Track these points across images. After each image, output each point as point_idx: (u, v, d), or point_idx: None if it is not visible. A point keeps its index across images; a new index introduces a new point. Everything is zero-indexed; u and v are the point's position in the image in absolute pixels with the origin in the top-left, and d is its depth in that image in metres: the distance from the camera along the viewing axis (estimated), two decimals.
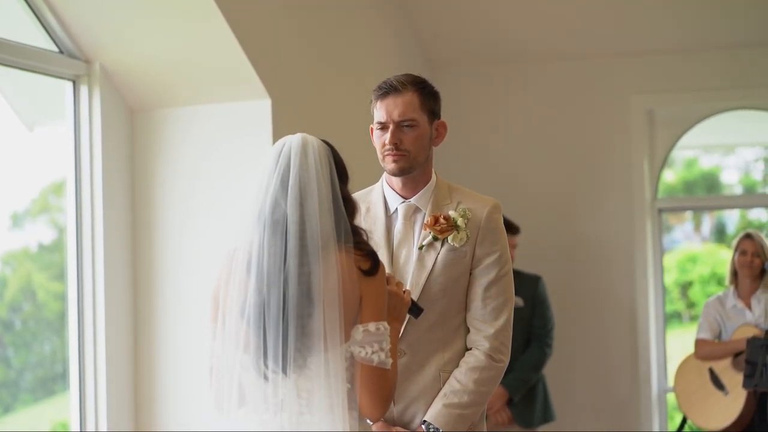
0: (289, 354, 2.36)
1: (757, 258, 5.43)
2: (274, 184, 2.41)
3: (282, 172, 2.41)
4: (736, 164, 7.56)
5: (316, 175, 2.40)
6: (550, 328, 5.39)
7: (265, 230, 2.39)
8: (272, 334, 2.36)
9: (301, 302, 2.36)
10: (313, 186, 2.39)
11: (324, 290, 2.36)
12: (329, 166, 2.44)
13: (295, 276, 2.36)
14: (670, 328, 7.19)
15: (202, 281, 4.51)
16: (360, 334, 2.40)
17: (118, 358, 4.55)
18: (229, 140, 4.55)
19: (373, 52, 5.66)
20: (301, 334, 2.36)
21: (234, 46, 4.30)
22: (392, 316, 2.52)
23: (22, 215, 5.15)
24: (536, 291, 5.39)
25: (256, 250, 2.39)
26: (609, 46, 6.21)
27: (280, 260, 2.37)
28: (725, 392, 5.29)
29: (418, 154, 2.92)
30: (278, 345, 2.36)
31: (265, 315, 2.37)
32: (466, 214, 2.92)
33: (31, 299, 5.23)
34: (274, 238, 2.38)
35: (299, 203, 2.38)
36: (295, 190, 2.39)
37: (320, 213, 2.38)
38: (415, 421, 2.89)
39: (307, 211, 2.38)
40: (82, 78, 4.49)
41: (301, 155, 2.42)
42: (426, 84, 2.97)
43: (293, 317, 2.35)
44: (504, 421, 5.24)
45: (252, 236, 2.41)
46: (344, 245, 2.40)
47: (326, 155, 2.45)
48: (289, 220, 2.37)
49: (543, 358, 5.32)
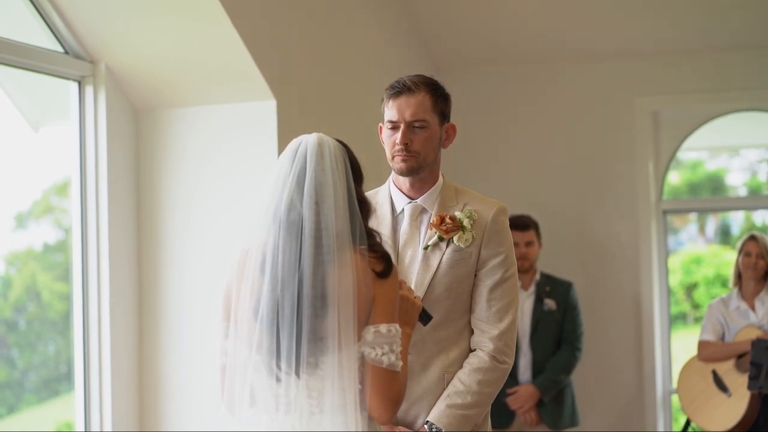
0: (303, 355, 2.35)
1: (761, 260, 5.42)
2: (290, 184, 2.40)
3: (298, 172, 2.40)
4: (741, 166, 7.55)
5: (332, 176, 2.39)
6: (580, 333, 5.43)
7: (280, 231, 2.38)
8: (286, 334, 2.35)
9: (315, 303, 2.35)
10: (329, 187, 2.38)
11: (338, 291, 2.35)
12: (345, 167, 2.43)
13: (310, 277, 2.35)
14: (675, 329, 7.19)
15: (207, 281, 4.52)
16: (371, 335, 2.39)
17: (123, 358, 4.55)
18: (233, 140, 4.56)
19: (377, 53, 5.66)
20: (315, 335, 2.35)
21: (239, 47, 4.31)
22: (403, 321, 2.51)
23: (27, 215, 5.16)
24: (568, 296, 5.46)
25: (271, 251, 2.38)
26: (614, 47, 6.21)
27: (295, 261, 2.36)
28: (728, 394, 5.28)
29: (427, 156, 2.93)
30: (291, 346, 2.35)
31: (278, 315, 2.36)
32: (473, 215, 2.93)
33: (35, 299, 5.23)
34: (289, 239, 2.37)
35: (315, 204, 2.37)
36: (311, 191, 2.38)
37: (336, 214, 2.38)
38: (418, 422, 2.89)
39: (322, 211, 2.37)
40: (87, 78, 4.49)
41: (317, 155, 2.41)
42: (438, 86, 2.97)
43: (307, 318, 2.35)
44: (532, 421, 5.27)
45: (266, 236, 2.40)
46: (359, 247, 2.40)
47: (342, 156, 2.44)
48: (305, 221, 2.36)
49: (573, 362, 5.36)
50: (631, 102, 6.24)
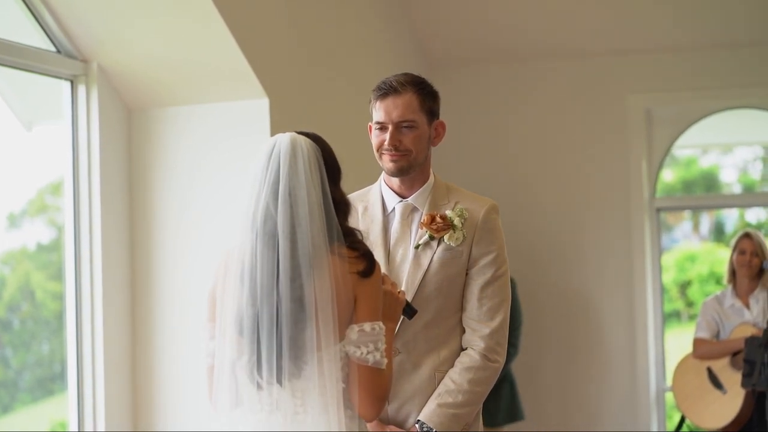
0: (284, 365, 2.37)
1: (755, 257, 5.43)
2: (265, 192, 2.40)
3: (273, 178, 2.41)
4: (735, 163, 7.56)
5: (305, 181, 2.39)
6: (515, 327, 5.37)
7: (257, 240, 2.39)
8: (265, 346, 2.37)
9: (294, 315, 2.36)
10: (303, 192, 2.39)
11: (317, 299, 2.36)
12: (319, 170, 2.43)
13: (288, 291, 2.36)
14: (668, 327, 7.20)
15: (200, 280, 4.51)
16: (355, 334, 2.40)
17: (117, 357, 4.54)
18: (226, 139, 4.55)
19: (371, 52, 5.66)
20: (295, 346, 2.37)
21: (232, 46, 4.30)
22: (387, 316, 2.52)
23: (20, 215, 5.15)
24: None
25: (249, 261, 2.39)
26: (607, 45, 6.22)
27: (272, 273, 2.37)
28: (723, 391, 5.29)
29: (417, 154, 2.92)
30: (272, 357, 2.37)
31: (258, 328, 2.38)
32: (463, 213, 2.92)
33: (29, 299, 5.22)
34: (266, 251, 2.38)
35: (290, 208, 2.38)
36: (284, 197, 2.38)
37: (311, 220, 2.38)
38: (409, 421, 2.88)
39: (297, 214, 2.38)
40: (79, 78, 4.49)
41: (290, 158, 2.41)
42: (425, 84, 2.96)
43: (286, 329, 2.36)
44: None
45: (244, 243, 2.41)
46: (337, 248, 2.40)
47: (315, 157, 2.44)
48: (280, 231, 2.37)
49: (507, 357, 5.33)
50: (624, 99, 6.24)
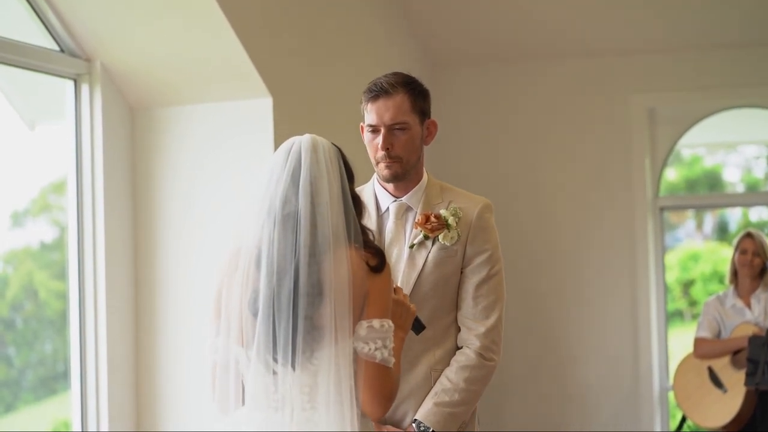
0: (298, 346, 2.35)
1: (757, 257, 5.43)
2: (284, 179, 2.40)
3: (293, 168, 2.41)
4: (738, 162, 7.56)
5: (326, 172, 2.41)
6: None
7: (275, 225, 2.38)
8: (282, 325, 2.35)
9: (311, 293, 2.35)
10: (324, 182, 2.40)
11: (334, 282, 2.35)
12: (339, 165, 2.45)
13: (306, 268, 2.35)
14: (671, 326, 7.20)
15: (204, 279, 4.51)
16: (364, 330, 2.39)
17: (120, 356, 4.55)
18: (230, 138, 4.56)
19: (373, 51, 5.66)
20: (311, 325, 2.36)
21: (235, 45, 4.31)
22: (398, 326, 2.51)
23: (24, 214, 5.16)
24: None
25: (266, 245, 2.38)
26: (610, 44, 6.21)
27: (291, 253, 2.36)
28: (724, 390, 5.29)
29: (410, 158, 2.92)
30: (288, 336, 2.35)
31: (275, 307, 2.36)
32: (457, 212, 2.92)
33: (32, 298, 5.23)
34: (284, 232, 2.38)
35: (311, 198, 2.38)
36: (306, 185, 2.39)
37: (331, 208, 2.38)
38: (406, 420, 2.88)
39: (318, 203, 2.38)
40: (83, 77, 4.49)
41: (311, 152, 2.42)
42: (416, 83, 2.95)
43: (303, 308, 2.35)
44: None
45: (261, 232, 2.40)
46: (353, 243, 2.41)
47: (336, 154, 2.46)
48: (301, 214, 2.37)
49: None
50: (627, 99, 6.24)
